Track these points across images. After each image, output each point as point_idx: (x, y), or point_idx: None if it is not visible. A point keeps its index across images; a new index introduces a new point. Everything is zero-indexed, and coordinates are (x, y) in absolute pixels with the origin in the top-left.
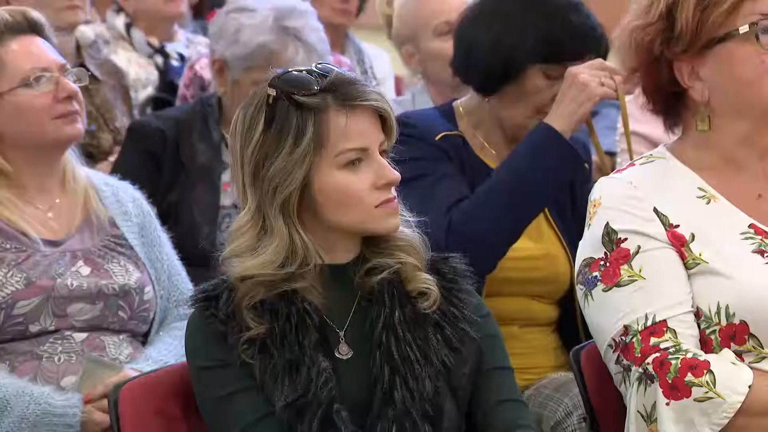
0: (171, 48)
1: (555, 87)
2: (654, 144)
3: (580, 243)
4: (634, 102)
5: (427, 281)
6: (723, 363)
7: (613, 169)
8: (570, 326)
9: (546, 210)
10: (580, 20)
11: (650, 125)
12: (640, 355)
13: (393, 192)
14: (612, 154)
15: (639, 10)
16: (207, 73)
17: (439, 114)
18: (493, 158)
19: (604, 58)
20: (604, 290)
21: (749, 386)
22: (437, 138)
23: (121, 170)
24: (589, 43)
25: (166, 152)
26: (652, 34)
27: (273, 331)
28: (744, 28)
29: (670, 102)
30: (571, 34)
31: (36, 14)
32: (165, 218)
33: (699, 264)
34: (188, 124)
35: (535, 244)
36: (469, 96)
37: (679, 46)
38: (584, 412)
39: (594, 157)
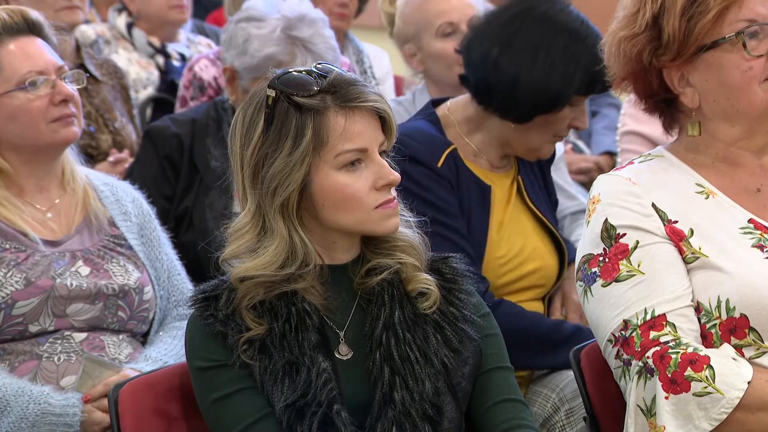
0: (172, 48)
1: (572, 113)
2: (654, 144)
3: (580, 240)
4: (634, 102)
5: (427, 281)
6: (723, 358)
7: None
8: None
9: (530, 202)
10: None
11: (650, 125)
12: (640, 349)
13: (393, 193)
14: (612, 154)
15: (625, 19)
16: (206, 74)
17: (428, 124)
18: (484, 166)
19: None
20: (603, 285)
21: (748, 382)
22: (440, 164)
23: (139, 177)
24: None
25: (183, 157)
26: (640, 45)
27: (273, 331)
28: (731, 36)
29: (664, 106)
30: (603, 66)
31: (35, 14)
32: (180, 223)
33: (699, 258)
34: (203, 128)
35: (519, 239)
36: (464, 104)
37: (668, 55)
38: (571, 407)
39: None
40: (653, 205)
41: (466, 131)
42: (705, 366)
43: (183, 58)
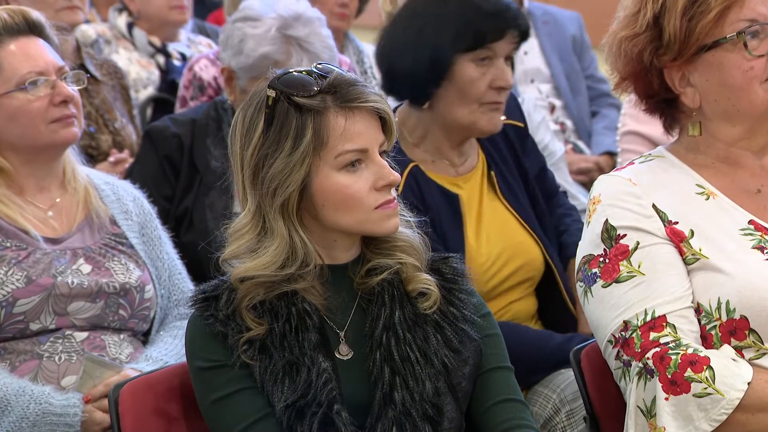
0: (173, 47)
1: (488, 74)
2: (654, 144)
3: (580, 241)
4: (635, 102)
5: (427, 281)
6: (723, 359)
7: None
8: (550, 314)
9: (501, 197)
10: (492, 1)
11: (650, 125)
12: (640, 350)
13: (393, 193)
14: (612, 155)
15: (626, 19)
16: (206, 74)
17: None
18: (447, 171)
19: (526, 34)
20: (603, 286)
21: (748, 383)
22: (400, 190)
23: (139, 177)
24: (506, 20)
25: (183, 157)
26: (641, 45)
27: (273, 331)
28: (732, 36)
29: (664, 106)
30: (487, 14)
31: (36, 14)
32: (180, 223)
33: (699, 259)
34: (203, 128)
35: (499, 239)
36: (404, 113)
37: (669, 55)
38: (572, 408)
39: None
40: (653, 205)
41: (417, 139)
42: (705, 367)
43: (184, 57)
